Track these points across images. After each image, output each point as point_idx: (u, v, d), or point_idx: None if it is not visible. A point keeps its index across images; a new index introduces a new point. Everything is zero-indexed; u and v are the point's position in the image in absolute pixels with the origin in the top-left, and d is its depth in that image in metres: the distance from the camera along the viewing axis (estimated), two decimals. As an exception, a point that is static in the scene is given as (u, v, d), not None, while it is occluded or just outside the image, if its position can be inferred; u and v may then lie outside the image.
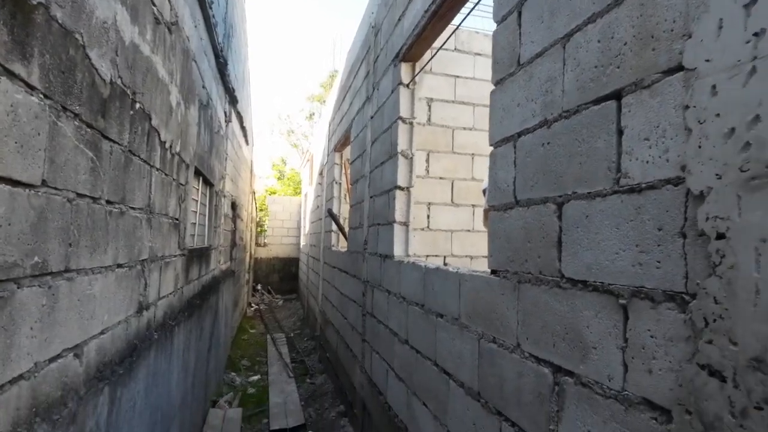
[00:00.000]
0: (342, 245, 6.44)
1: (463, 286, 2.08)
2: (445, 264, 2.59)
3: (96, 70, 1.55)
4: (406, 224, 3.32)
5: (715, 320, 0.89)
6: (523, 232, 1.61)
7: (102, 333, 1.74)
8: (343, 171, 6.81)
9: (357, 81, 5.18)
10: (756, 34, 0.84)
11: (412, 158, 3.34)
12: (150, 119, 2.24)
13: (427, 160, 4.45)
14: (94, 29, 1.52)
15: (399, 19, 3.44)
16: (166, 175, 2.65)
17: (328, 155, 7.69)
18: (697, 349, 0.92)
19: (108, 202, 1.74)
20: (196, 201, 4.18)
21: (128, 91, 1.90)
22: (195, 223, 4.20)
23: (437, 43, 4.15)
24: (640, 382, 1.07)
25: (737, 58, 0.88)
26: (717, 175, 0.90)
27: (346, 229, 5.73)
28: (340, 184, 6.88)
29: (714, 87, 0.92)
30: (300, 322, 10.69)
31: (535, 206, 1.54)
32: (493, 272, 1.83)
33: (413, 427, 2.69)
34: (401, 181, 3.30)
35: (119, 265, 1.91)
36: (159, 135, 2.43)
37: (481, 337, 1.89)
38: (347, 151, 6.52)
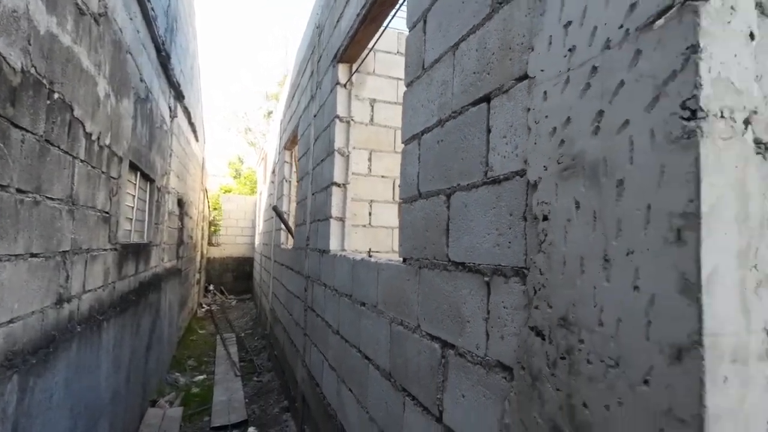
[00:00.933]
0: (291, 243, 6.47)
1: (381, 274, 2.21)
2: (369, 255, 2.72)
3: (4, 58, 1.56)
4: (342, 220, 3.44)
5: (539, 289, 1.05)
6: (423, 222, 1.76)
7: (11, 321, 1.73)
8: (293, 169, 6.84)
9: (304, 80, 5.25)
10: (570, 50, 1.02)
11: (348, 156, 3.45)
12: (72, 110, 2.23)
13: (370, 159, 4.57)
14: (1, 18, 1.53)
15: (338, 21, 3.55)
16: (93, 167, 2.63)
17: (279, 153, 7.68)
18: (529, 314, 1.09)
19: (19, 190, 1.74)
20: (133, 196, 4.11)
21: (44, 81, 1.90)
22: (132, 219, 4.13)
23: (383, 47, 4.29)
24: (496, 347, 1.23)
25: (559, 69, 1.05)
26: (544, 167, 1.07)
27: (293, 227, 5.77)
28: (290, 182, 6.90)
29: (545, 93, 1.09)
30: (252, 322, 10.57)
31: (432, 198, 1.70)
32: (404, 261, 1.97)
33: (341, 413, 2.80)
34: (337, 178, 3.41)
35: (33, 255, 1.90)
36: (83, 126, 2.42)
37: (392, 321, 2.03)
38: (297, 150, 6.56)
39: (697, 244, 0.71)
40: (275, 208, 5.79)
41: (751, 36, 0.79)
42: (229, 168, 23.71)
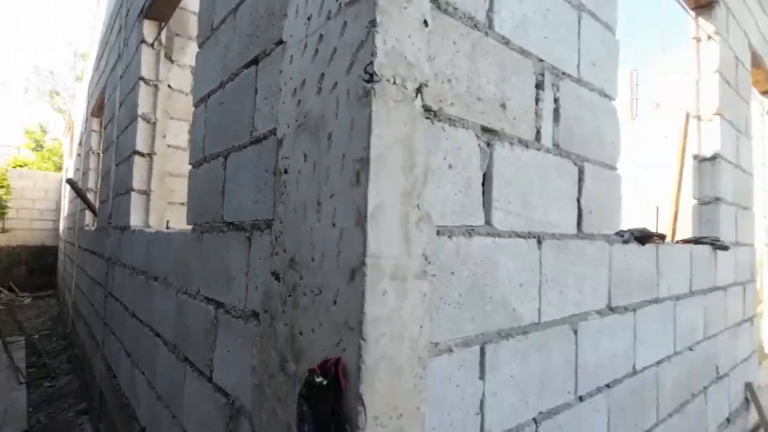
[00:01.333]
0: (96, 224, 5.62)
1: (171, 245, 2.10)
2: (167, 228, 2.56)
3: None
4: (146, 193, 3.13)
5: (279, 236, 1.15)
6: (206, 186, 1.73)
7: None
8: (101, 139, 5.93)
9: (113, 36, 4.59)
10: (308, 18, 1.12)
11: (155, 123, 3.16)
12: None
13: (190, 132, 4.25)
14: None
15: (145, -28, 3.19)
16: None
17: (86, 121, 6.57)
18: (272, 261, 1.18)
19: None
20: None
21: None
22: None
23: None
24: (251, 297, 1.29)
25: (300, 35, 1.14)
26: (288, 125, 1.16)
27: (97, 205, 5.03)
28: (97, 154, 5.97)
29: (291, 57, 1.18)
30: (51, 322, 8.90)
31: (213, 160, 1.68)
32: (192, 229, 1.90)
33: (135, 400, 2.58)
34: (141, 147, 3.09)
35: None
36: None
37: (179, 291, 1.95)
38: (105, 116, 5.70)
39: (366, 184, 0.87)
40: (70, 181, 4.95)
41: (426, 23, 0.99)
42: (26, 138, 19.29)
